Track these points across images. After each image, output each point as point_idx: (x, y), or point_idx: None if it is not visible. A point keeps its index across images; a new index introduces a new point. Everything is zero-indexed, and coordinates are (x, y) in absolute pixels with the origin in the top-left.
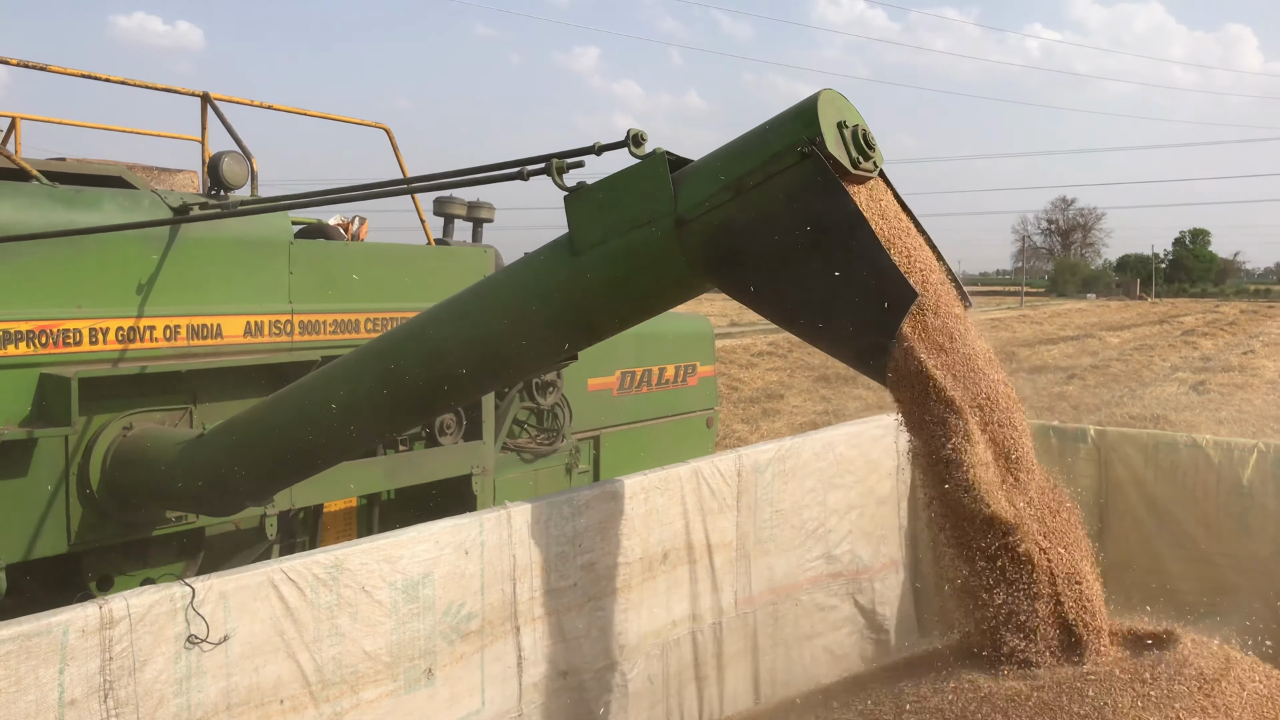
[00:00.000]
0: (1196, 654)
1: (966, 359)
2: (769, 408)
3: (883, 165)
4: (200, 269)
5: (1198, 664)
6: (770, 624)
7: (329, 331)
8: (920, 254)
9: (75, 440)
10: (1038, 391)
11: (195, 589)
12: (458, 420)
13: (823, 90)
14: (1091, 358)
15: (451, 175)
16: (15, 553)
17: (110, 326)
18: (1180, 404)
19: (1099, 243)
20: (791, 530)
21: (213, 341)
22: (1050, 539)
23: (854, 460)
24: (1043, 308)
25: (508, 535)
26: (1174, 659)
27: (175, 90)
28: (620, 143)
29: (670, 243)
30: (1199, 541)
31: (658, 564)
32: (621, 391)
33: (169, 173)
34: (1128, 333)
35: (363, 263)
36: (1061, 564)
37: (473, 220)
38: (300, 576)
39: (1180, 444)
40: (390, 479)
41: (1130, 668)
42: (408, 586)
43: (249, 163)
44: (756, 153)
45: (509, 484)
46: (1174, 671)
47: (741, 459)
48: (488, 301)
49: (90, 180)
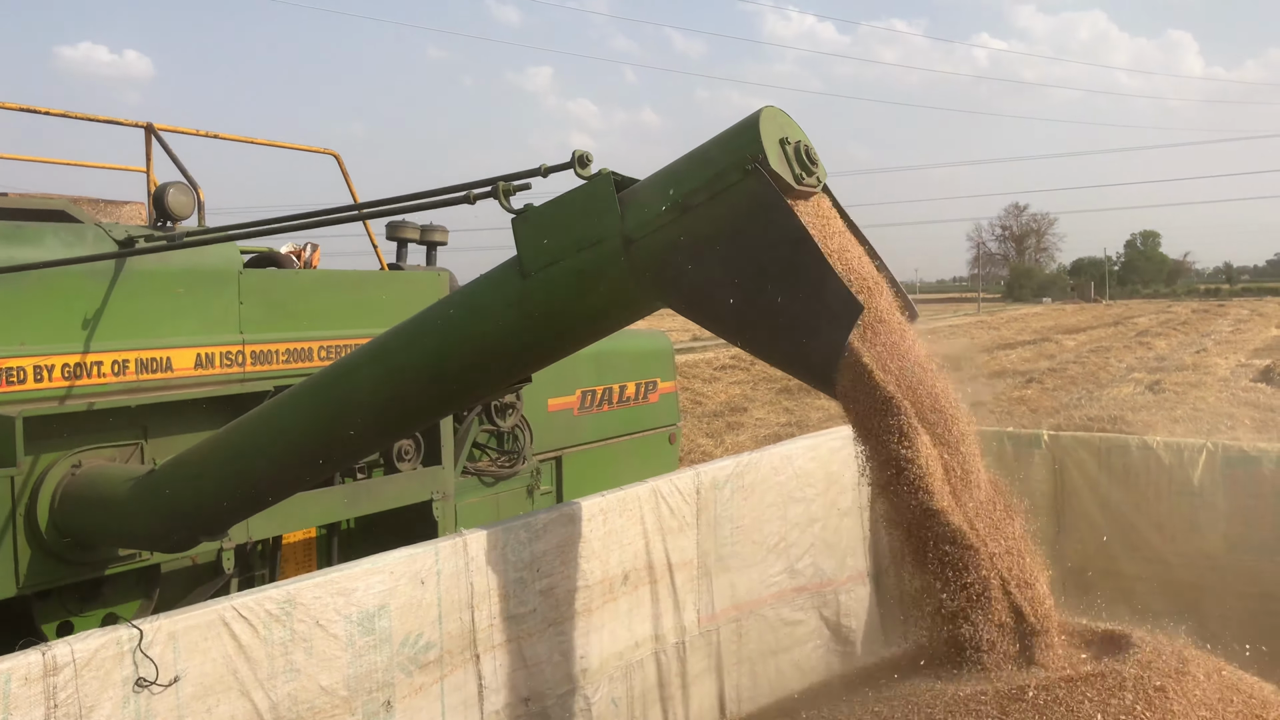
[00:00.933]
0: (1154, 654)
1: (913, 369)
2: (733, 421)
3: (826, 180)
4: (148, 302)
5: (1156, 664)
6: (734, 641)
7: (282, 361)
8: (864, 267)
9: (21, 481)
10: (997, 397)
11: (143, 630)
12: (416, 446)
13: (764, 108)
14: (1049, 361)
15: (400, 200)
16: None
17: (56, 363)
18: (1137, 404)
19: (1052, 247)
20: (753, 546)
21: (162, 375)
22: (998, 541)
23: (814, 473)
24: (1000, 313)
25: (464, 563)
26: (1132, 660)
27: (118, 122)
28: (566, 164)
29: (618, 263)
30: (1153, 542)
31: (618, 585)
32: (582, 411)
33: (115, 205)
34: (1083, 335)
35: (315, 290)
36: (1010, 566)
37: (426, 244)
38: (252, 613)
39: (1132, 446)
40: (349, 508)
41: (1087, 670)
42: (363, 619)
43: (195, 193)
44: (701, 171)
45: (470, 508)
46: (1133, 673)
47: (700, 476)
48: (439, 326)
49: (32, 215)
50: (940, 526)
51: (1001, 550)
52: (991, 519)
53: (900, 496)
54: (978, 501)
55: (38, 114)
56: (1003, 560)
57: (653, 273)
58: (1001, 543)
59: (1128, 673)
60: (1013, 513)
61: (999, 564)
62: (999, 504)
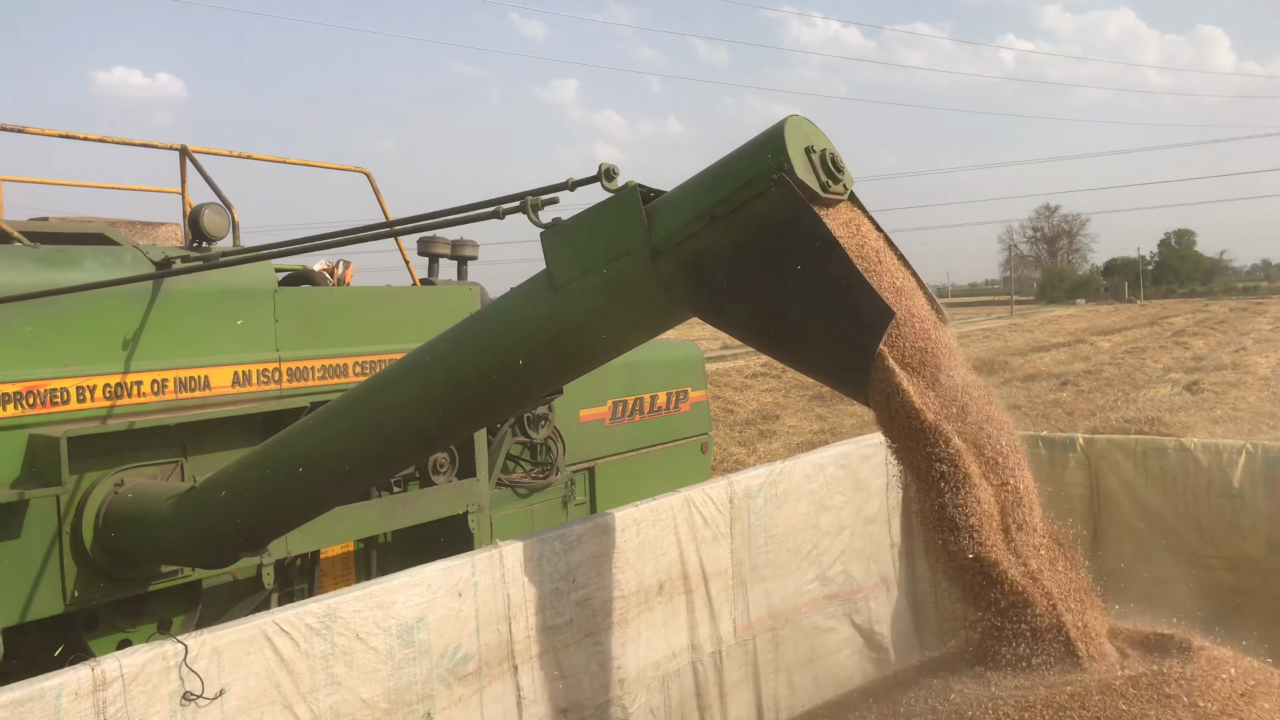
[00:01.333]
0: (1224, 665)
1: (946, 374)
2: (765, 429)
3: (852, 187)
4: (185, 321)
5: (1228, 675)
6: (771, 650)
7: (317, 377)
8: (895, 272)
9: (67, 500)
10: (1032, 400)
11: (188, 645)
12: (451, 459)
13: (789, 116)
14: (1084, 363)
15: (431, 217)
16: (11, 615)
17: (97, 384)
18: (1175, 405)
19: (1085, 248)
20: (787, 554)
21: (201, 393)
22: (1037, 552)
23: (844, 480)
24: (1033, 315)
25: (501, 575)
26: (1199, 670)
27: (153, 145)
28: (593, 177)
29: (646, 274)
30: (1192, 545)
31: (653, 595)
32: (614, 421)
33: (151, 227)
34: (1118, 336)
35: (348, 306)
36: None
37: (457, 259)
38: (293, 627)
39: (1169, 448)
40: (386, 521)
41: (1148, 676)
42: (402, 631)
43: (230, 213)
44: (727, 181)
45: (505, 520)
46: (1204, 684)
47: (733, 485)
48: (471, 340)
49: (72, 239)
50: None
51: (1041, 559)
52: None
53: (937, 509)
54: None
55: (76, 139)
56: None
57: (681, 283)
58: (1038, 551)
59: (1203, 685)
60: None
61: (1038, 577)
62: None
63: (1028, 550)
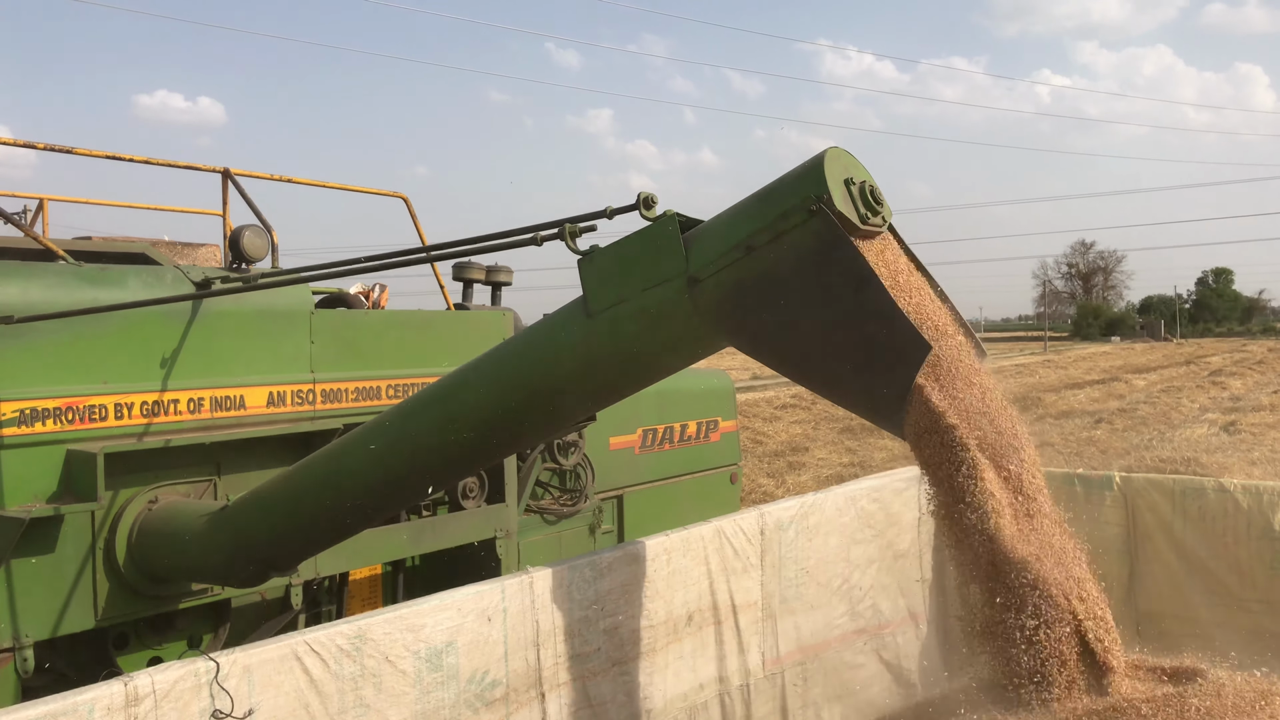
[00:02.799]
0: (1230, 681)
1: (983, 410)
2: (794, 461)
3: (891, 220)
4: (223, 341)
5: (1232, 690)
6: (799, 685)
7: (351, 399)
8: (932, 306)
9: (101, 515)
10: (1065, 437)
11: (219, 663)
12: (480, 484)
13: (829, 148)
14: (1118, 401)
15: (468, 242)
16: (43, 629)
17: (135, 401)
18: (1211, 445)
19: (1121, 285)
20: (817, 588)
21: (236, 413)
22: (1063, 572)
23: (875, 514)
24: (1066, 352)
25: (530, 601)
26: (1207, 688)
27: (196, 167)
28: (631, 206)
29: (683, 302)
30: (1232, 587)
31: (682, 626)
32: (644, 449)
33: (191, 247)
34: (1154, 375)
35: (383, 330)
36: (1079, 603)
37: (491, 284)
38: (323, 648)
39: (1208, 489)
40: (414, 544)
41: (1159, 697)
42: (431, 655)
43: (269, 235)
44: (765, 211)
45: (533, 546)
46: (1209, 701)
47: (764, 517)
48: (505, 366)
49: (115, 258)
50: (1007, 563)
51: (1066, 578)
52: (1059, 556)
53: (966, 530)
54: (1042, 533)
55: (122, 160)
56: (1069, 588)
57: (717, 312)
58: (1067, 573)
59: (1208, 703)
60: (1075, 549)
61: (1067, 593)
62: (1064, 541)
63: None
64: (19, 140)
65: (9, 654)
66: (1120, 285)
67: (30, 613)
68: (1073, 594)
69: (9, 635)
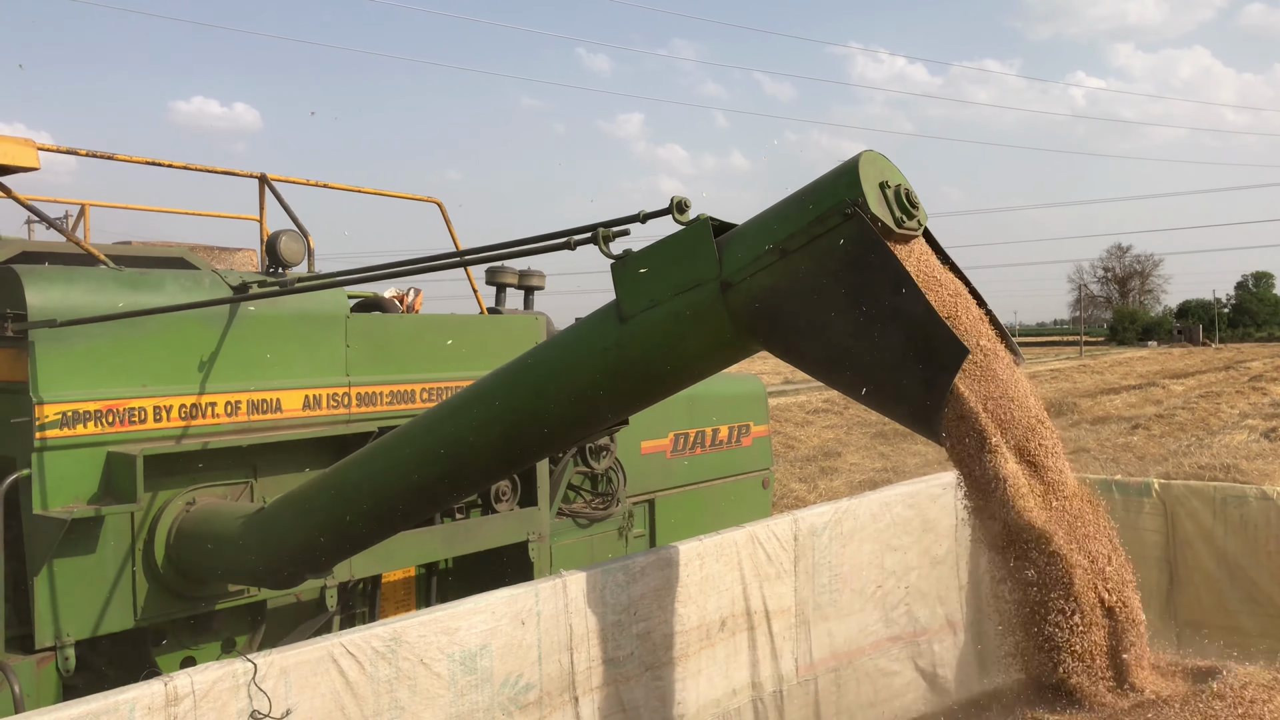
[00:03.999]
0: (1247, 675)
1: (1020, 413)
2: (826, 466)
3: (926, 223)
4: (260, 345)
5: (1249, 682)
6: (833, 691)
7: (386, 402)
8: (968, 310)
9: (140, 516)
10: (1101, 443)
11: (257, 664)
12: (513, 487)
13: (864, 151)
14: (1155, 406)
15: (501, 247)
16: (84, 629)
17: (174, 404)
18: (1252, 452)
19: (1158, 289)
20: (851, 594)
21: (272, 416)
22: (1088, 553)
23: (911, 520)
24: (1103, 357)
25: (564, 604)
26: (1226, 680)
27: (234, 173)
28: (664, 210)
29: (716, 306)
30: (1275, 597)
31: (715, 631)
32: (675, 454)
33: (229, 252)
34: (1192, 380)
35: (417, 333)
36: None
37: (524, 288)
38: (359, 650)
39: (1250, 496)
40: (447, 548)
41: (1182, 691)
42: (465, 658)
43: (306, 240)
44: (800, 215)
45: (565, 550)
46: (1225, 689)
47: (798, 522)
48: (540, 370)
49: (154, 262)
50: (1032, 534)
51: (1091, 562)
52: (1083, 531)
53: (994, 516)
54: (1071, 513)
55: (161, 166)
56: (1096, 572)
57: (751, 316)
58: (1093, 555)
59: (1219, 689)
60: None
61: (1093, 575)
62: (1093, 516)
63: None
64: (61, 147)
65: (51, 653)
66: (1157, 289)
67: (71, 612)
68: (1100, 577)
69: (51, 634)
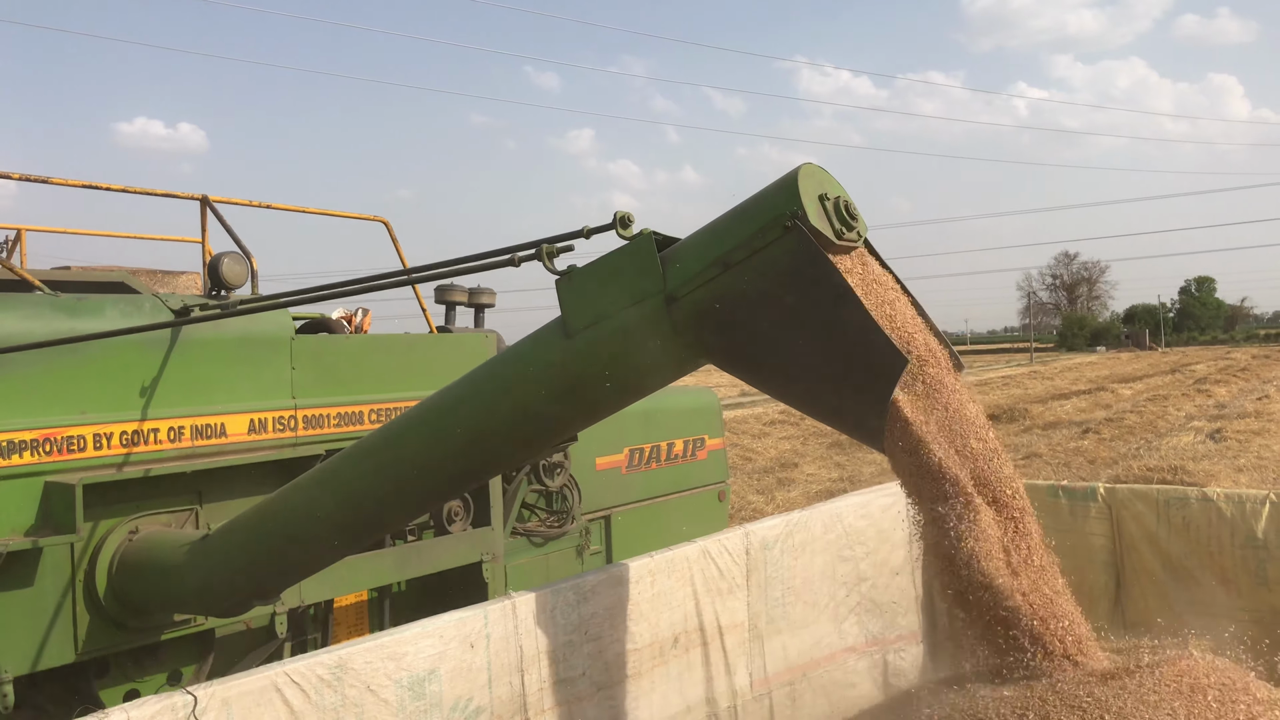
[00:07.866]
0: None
1: (959, 421)
2: (783, 477)
3: (866, 235)
4: (203, 369)
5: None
6: (788, 705)
7: (333, 425)
8: (908, 320)
9: (81, 547)
10: (1053, 448)
11: (197, 696)
12: (466, 507)
13: (802, 165)
14: (1105, 411)
15: (448, 264)
16: (22, 664)
17: (114, 431)
18: (1198, 453)
19: (1105, 295)
20: (804, 607)
21: (217, 441)
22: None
23: (864, 531)
24: (1053, 363)
25: (514, 626)
26: (1168, 666)
27: (175, 195)
28: (608, 225)
29: (661, 320)
30: (1218, 597)
31: (668, 648)
32: (630, 469)
33: (172, 275)
34: (1140, 384)
35: (364, 354)
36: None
37: (474, 306)
38: (304, 678)
39: (1191, 498)
40: (400, 570)
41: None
42: (414, 683)
43: (249, 262)
44: (741, 228)
45: (520, 569)
46: (1162, 674)
47: (749, 536)
48: (484, 387)
49: (93, 287)
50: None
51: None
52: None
53: (948, 554)
54: (1026, 555)
55: (100, 189)
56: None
57: (696, 329)
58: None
59: (1161, 676)
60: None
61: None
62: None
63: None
64: None
65: None
66: (1104, 295)
67: (9, 647)
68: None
69: None
